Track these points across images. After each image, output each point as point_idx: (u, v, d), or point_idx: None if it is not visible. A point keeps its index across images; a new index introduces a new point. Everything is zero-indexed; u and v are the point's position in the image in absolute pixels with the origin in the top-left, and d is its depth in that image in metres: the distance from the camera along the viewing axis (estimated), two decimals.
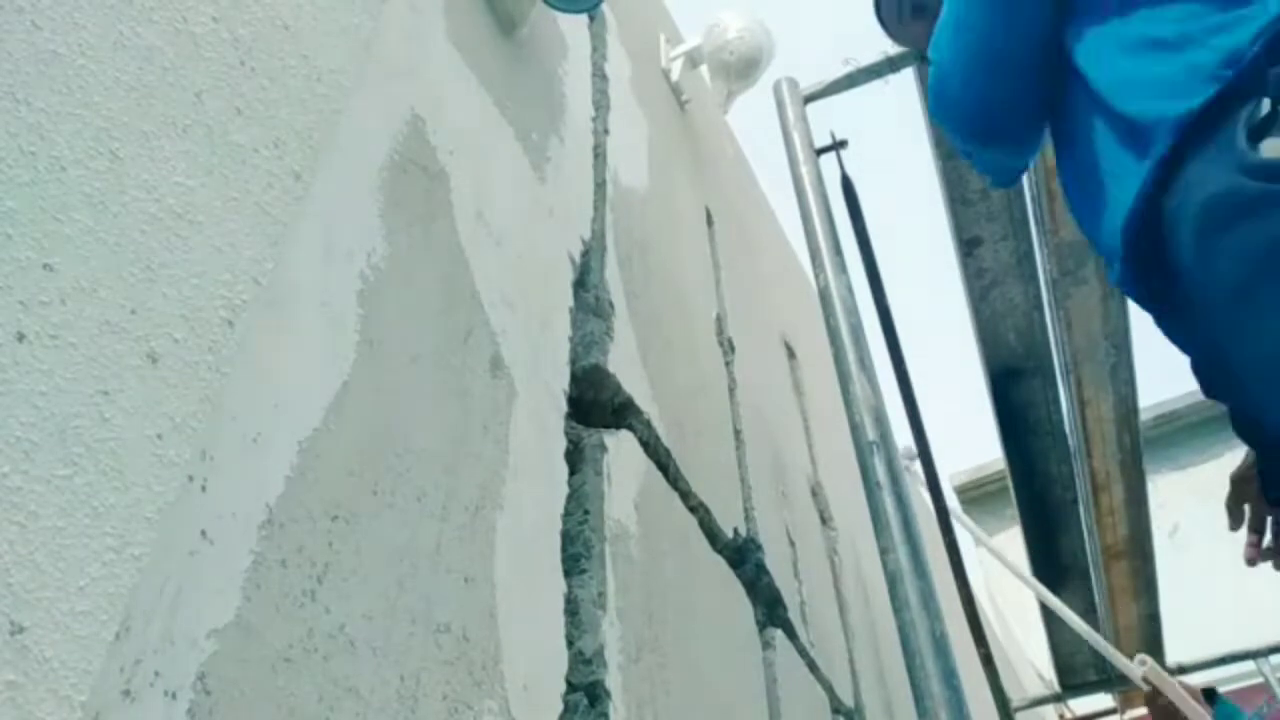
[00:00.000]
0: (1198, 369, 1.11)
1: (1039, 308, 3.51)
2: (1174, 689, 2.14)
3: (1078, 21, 1.11)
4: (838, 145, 2.29)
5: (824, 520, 2.49)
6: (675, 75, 2.46)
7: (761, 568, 1.69)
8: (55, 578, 0.48)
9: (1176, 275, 1.00)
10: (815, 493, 2.51)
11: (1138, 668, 2.28)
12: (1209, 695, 2.26)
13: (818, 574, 2.20)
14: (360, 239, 0.87)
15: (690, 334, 1.85)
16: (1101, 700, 5.25)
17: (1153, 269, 1.04)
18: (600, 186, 1.60)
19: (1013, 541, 4.83)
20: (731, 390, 2.01)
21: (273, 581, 0.64)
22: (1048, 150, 3.01)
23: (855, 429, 1.76)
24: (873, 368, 1.86)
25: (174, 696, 0.55)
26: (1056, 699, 4.96)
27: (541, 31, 1.53)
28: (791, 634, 1.80)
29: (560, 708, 0.94)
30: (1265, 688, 4.03)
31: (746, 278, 2.63)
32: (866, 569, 2.56)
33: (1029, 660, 6.05)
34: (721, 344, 2.07)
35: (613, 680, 1.00)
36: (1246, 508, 1.22)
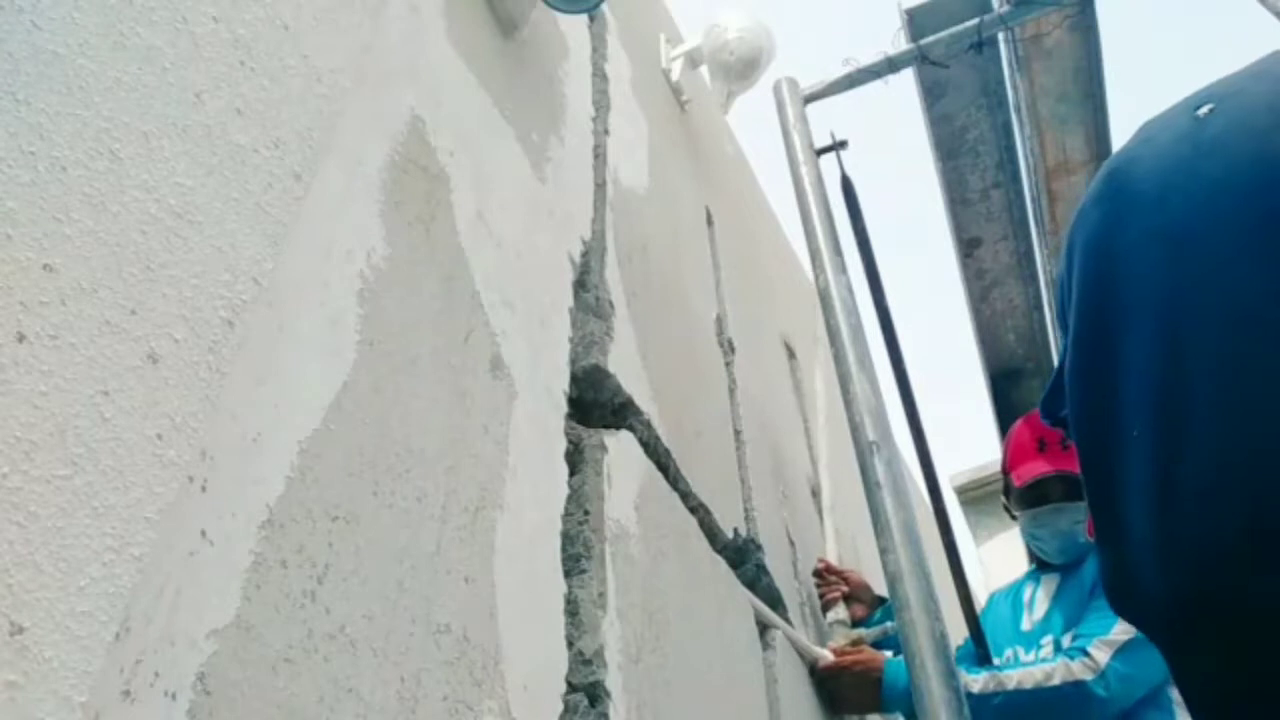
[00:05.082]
0: None
1: (1039, 308, 3.51)
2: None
3: None
4: (838, 145, 2.29)
5: (824, 520, 2.49)
6: (675, 75, 2.46)
7: (761, 568, 1.69)
8: (55, 578, 0.48)
9: None
10: (815, 493, 2.51)
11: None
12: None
13: None
14: (360, 239, 0.87)
15: (690, 334, 1.85)
16: None
17: None
18: (600, 187, 1.60)
19: (1013, 542, 4.83)
20: (731, 390, 2.01)
21: (273, 581, 0.64)
22: (1047, 150, 3.01)
23: (855, 429, 1.76)
24: (872, 368, 1.86)
25: (174, 697, 0.55)
26: None
27: (541, 32, 1.53)
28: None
29: (560, 708, 0.94)
30: None
31: (746, 278, 2.63)
32: (866, 569, 2.56)
33: None
34: (721, 344, 2.07)
35: (613, 680, 1.00)
36: None
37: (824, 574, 2.17)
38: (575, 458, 1.17)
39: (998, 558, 5.46)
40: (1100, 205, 0.99)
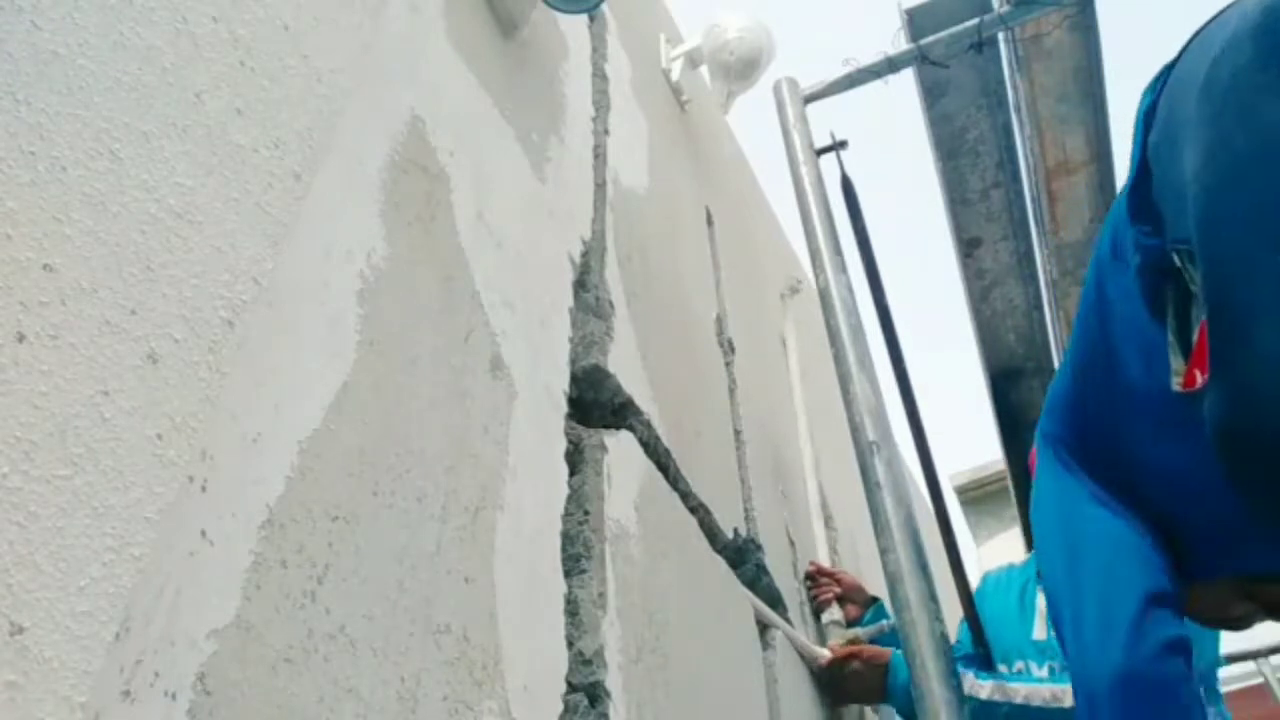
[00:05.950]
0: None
1: (1039, 308, 3.51)
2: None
3: None
4: (837, 145, 2.29)
5: (824, 520, 2.49)
6: (675, 75, 2.46)
7: (761, 568, 1.69)
8: (55, 578, 0.48)
9: None
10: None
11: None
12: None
13: None
14: (360, 239, 0.87)
15: (690, 334, 1.85)
16: None
17: None
18: (600, 187, 1.60)
19: (1012, 542, 4.84)
20: (731, 390, 2.01)
21: (273, 581, 0.64)
22: (1047, 150, 3.01)
23: (855, 429, 1.76)
24: (872, 368, 1.86)
25: (174, 697, 0.55)
26: None
27: (542, 32, 1.53)
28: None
29: (560, 708, 0.94)
30: (1265, 688, 4.03)
31: (746, 278, 2.63)
32: (866, 569, 2.56)
33: None
34: (721, 344, 2.07)
35: (613, 680, 1.00)
36: None
37: (815, 576, 2.16)
38: (575, 458, 1.17)
39: (998, 558, 5.47)
40: (1257, 40, 0.95)
